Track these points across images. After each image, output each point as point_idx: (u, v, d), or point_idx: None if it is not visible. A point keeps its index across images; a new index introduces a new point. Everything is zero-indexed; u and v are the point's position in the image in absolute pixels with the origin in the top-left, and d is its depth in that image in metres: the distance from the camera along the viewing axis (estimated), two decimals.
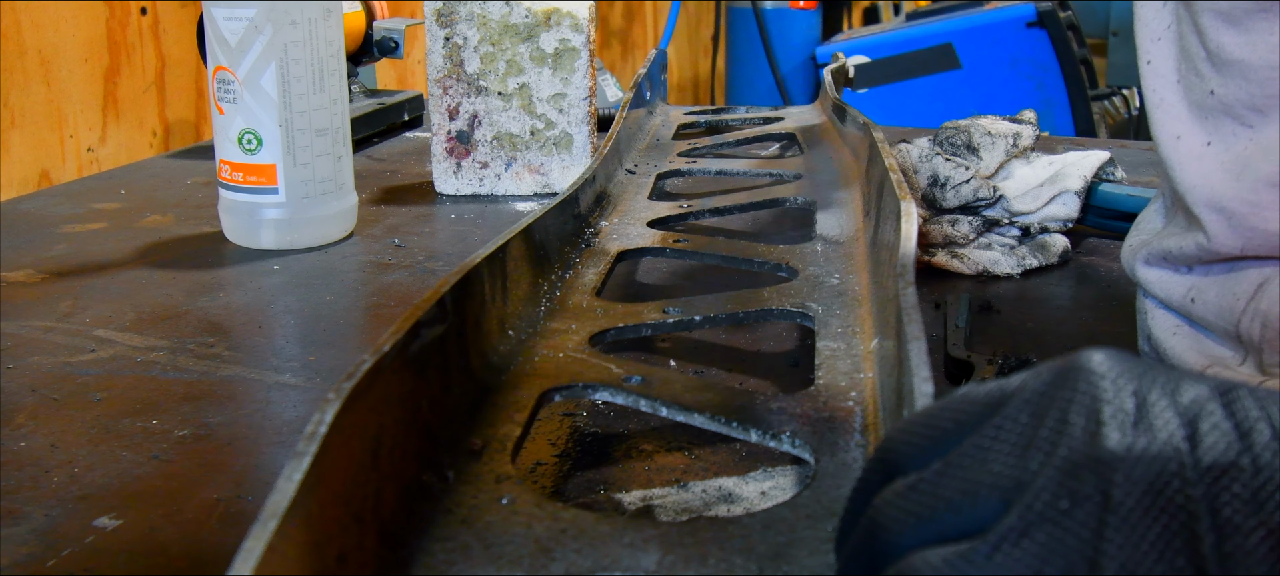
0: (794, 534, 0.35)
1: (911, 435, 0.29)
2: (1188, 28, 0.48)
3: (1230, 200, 0.46)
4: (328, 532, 0.31)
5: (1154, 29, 0.51)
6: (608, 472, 0.46)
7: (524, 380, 0.47)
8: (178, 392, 0.56)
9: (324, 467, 0.31)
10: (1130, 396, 0.25)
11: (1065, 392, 0.26)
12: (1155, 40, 0.51)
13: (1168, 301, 0.52)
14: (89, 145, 1.28)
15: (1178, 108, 0.49)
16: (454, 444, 0.41)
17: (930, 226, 0.74)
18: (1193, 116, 0.48)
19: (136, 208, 0.93)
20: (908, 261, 0.45)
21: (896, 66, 2.25)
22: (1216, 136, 0.47)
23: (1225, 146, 0.47)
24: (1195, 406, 0.25)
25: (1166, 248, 0.51)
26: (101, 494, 0.45)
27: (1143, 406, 0.25)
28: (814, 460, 0.40)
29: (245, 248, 0.80)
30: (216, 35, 0.77)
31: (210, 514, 0.44)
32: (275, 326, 0.66)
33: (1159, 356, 0.54)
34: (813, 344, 0.52)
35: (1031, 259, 0.74)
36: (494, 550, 0.35)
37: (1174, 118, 0.49)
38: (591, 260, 0.65)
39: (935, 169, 0.76)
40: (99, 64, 1.29)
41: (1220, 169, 0.47)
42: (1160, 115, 0.50)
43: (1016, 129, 0.84)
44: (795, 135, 1.03)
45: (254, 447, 0.50)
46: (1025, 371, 0.27)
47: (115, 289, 0.72)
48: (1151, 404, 0.25)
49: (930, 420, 0.28)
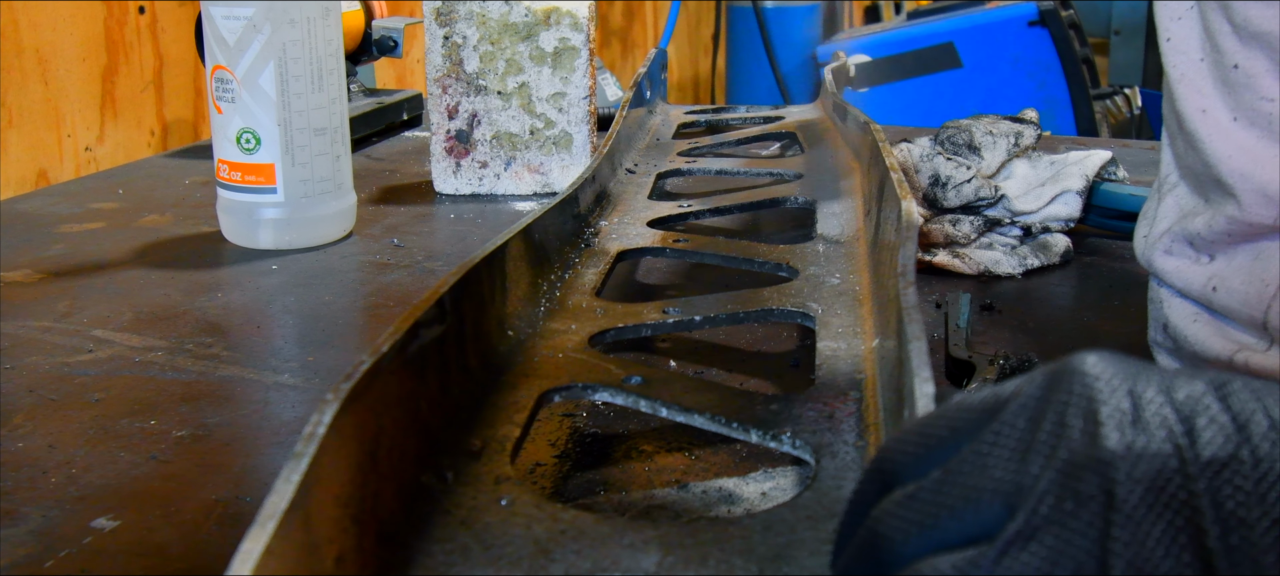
0: (794, 535, 0.35)
1: (907, 444, 0.29)
2: (1211, 4, 0.48)
3: (1264, 167, 0.46)
4: (326, 534, 0.31)
5: (1174, 9, 0.51)
6: (607, 473, 0.46)
7: (523, 381, 0.47)
8: (176, 393, 0.56)
9: (322, 469, 0.31)
10: (1126, 396, 0.25)
11: (1061, 395, 0.26)
12: (1176, 19, 0.51)
13: (1187, 291, 0.52)
14: (87, 144, 1.28)
15: (1202, 82, 0.49)
16: (453, 445, 0.41)
17: (932, 226, 0.74)
18: (1218, 91, 0.48)
19: (134, 207, 0.93)
20: (909, 261, 0.45)
21: (897, 65, 2.25)
22: (1241, 110, 0.47)
23: (1250, 120, 0.47)
24: (1191, 402, 0.25)
25: (1193, 229, 0.51)
26: (99, 494, 0.46)
27: (1139, 405, 0.25)
28: (815, 461, 0.40)
29: (244, 247, 0.81)
30: (215, 34, 0.77)
31: (209, 515, 0.44)
32: (274, 326, 0.66)
33: (1177, 345, 0.53)
34: (813, 344, 0.52)
35: (1033, 258, 0.74)
36: (493, 551, 0.35)
37: (1197, 92, 0.49)
38: (591, 260, 0.65)
39: (936, 168, 0.76)
40: (97, 63, 1.29)
41: (1251, 137, 0.47)
42: (1183, 89, 0.50)
43: (1018, 128, 0.84)
44: (796, 134, 1.03)
45: (252, 448, 0.50)
46: (1020, 377, 0.28)
47: (113, 289, 0.72)
48: (1148, 402, 0.25)
49: (926, 429, 0.29)
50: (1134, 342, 0.62)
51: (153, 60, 1.37)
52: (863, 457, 0.40)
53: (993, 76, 2.22)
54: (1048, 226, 0.77)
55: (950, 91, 2.23)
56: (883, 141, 0.68)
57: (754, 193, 0.83)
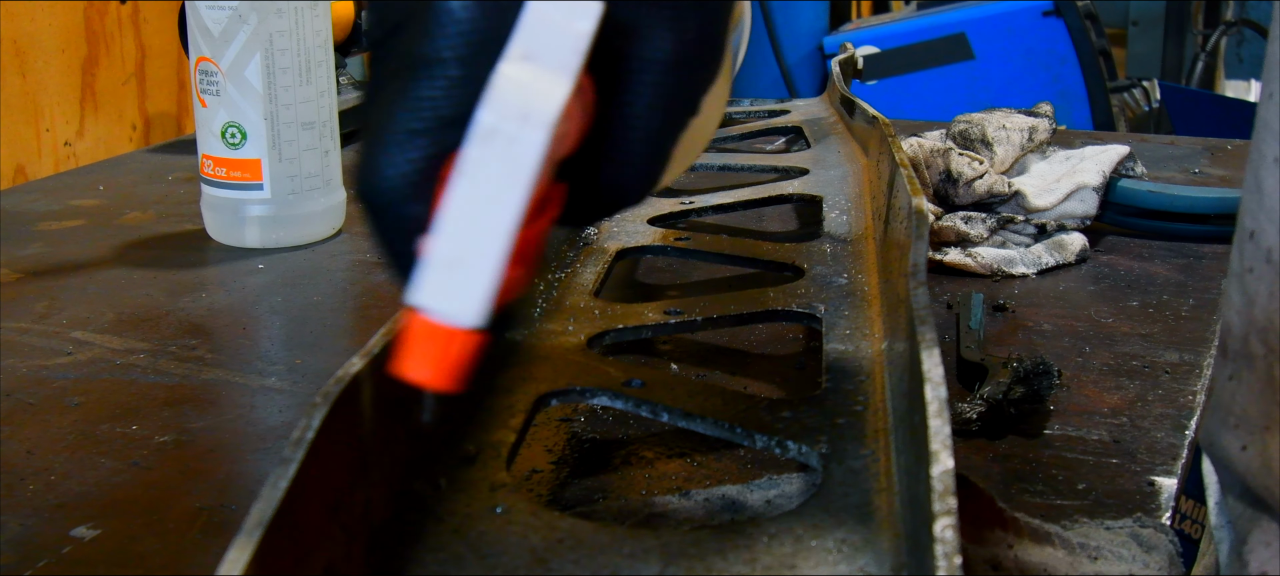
0: (801, 545, 0.35)
1: None
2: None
3: None
4: (314, 542, 0.31)
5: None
6: (606, 480, 0.46)
7: (519, 384, 0.47)
8: (158, 397, 0.56)
9: (311, 474, 0.31)
10: None
11: None
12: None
13: None
14: (66, 139, 1.28)
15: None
16: (446, 450, 0.41)
17: (943, 223, 0.74)
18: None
19: (115, 204, 0.93)
20: (920, 260, 0.45)
21: (907, 57, 2.25)
22: None
23: None
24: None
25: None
26: (79, 502, 0.45)
27: None
28: (821, 468, 0.40)
29: (229, 246, 0.81)
30: (199, 25, 0.77)
31: (192, 523, 0.44)
32: (260, 328, 0.66)
33: None
34: (820, 346, 0.52)
35: (1048, 257, 0.74)
36: (488, 560, 0.35)
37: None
38: (589, 259, 0.65)
39: (948, 164, 0.76)
40: (76, 54, 1.29)
41: None
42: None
43: (1032, 122, 0.84)
44: (802, 129, 1.03)
45: (237, 454, 0.50)
46: None
47: (93, 289, 0.72)
48: None
49: None
50: (1150, 344, 0.62)
51: (134, 52, 1.37)
52: (871, 465, 0.40)
53: (1006, 69, 2.21)
54: (1063, 224, 0.76)
55: (962, 84, 2.23)
56: (892, 136, 0.68)
57: (758, 189, 0.83)
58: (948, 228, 0.74)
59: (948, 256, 0.73)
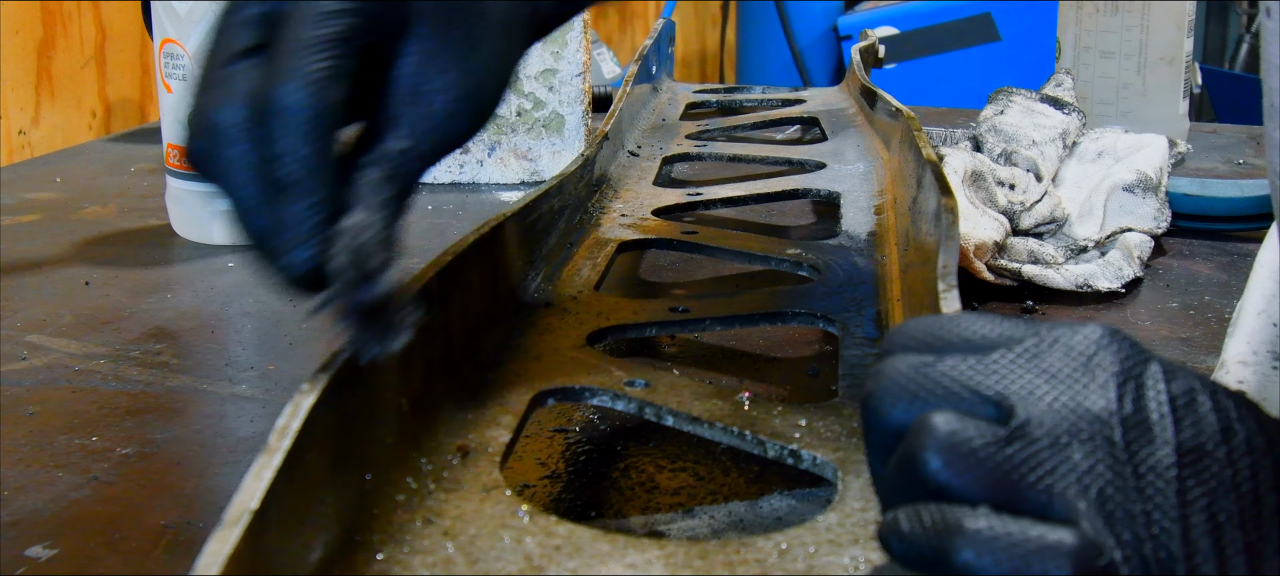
0: (815, 559, 0.35)
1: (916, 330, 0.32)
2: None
3: None
4: (298, 541, 0.32)
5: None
6: (606, 484, 0.46)
7: (515, 381, 0.47)
8: (120, 406, 0.56)
9: (296, 468, 0.31)
10: None
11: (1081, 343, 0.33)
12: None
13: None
14: (20, 127, 1.28)
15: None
16: (437, 448, 0.41)
17: (1014, 242, 0.73)
18: None
19: (74, 197, 0.93)
20: (951, 261, 0.45)
21: (928, 39, 2.25)
22: None
23: None
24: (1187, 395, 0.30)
25: None
26: (35, 520, 0.45)
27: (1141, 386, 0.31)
28: (837, 480, 0.40)
29: (196, 243, 0.81)
30: (164, 4, 0.77)
31: (156, 542, 0.44)
32: (230, 331, 0.66)
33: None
34: (835, 351, 0.52)
35: (1128, 269, 0.71)
36: (480, 566, 0.35)
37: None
38: (590, 251, 0.65)
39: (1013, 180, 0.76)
40: (31, 35, 1.29)
41: None
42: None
43: (1063, 123, 0.83)
44: (818, 119, 1.03)
45: (205, 467, 0.50)
46: None
47: (50, 289, 0.72)
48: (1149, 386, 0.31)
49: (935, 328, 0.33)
50: (1191, 350, 0.61)
51: (94, 33, 1.37)
52: None
53: (1034, 51, 2.21)
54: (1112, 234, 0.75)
55: (986, 67, 2.23)
56: (919, 131, 0.68)
57: (771, 182, 0.83)
58: (1019, 248, 0.73)
59: (1026, 270, 0.71)
